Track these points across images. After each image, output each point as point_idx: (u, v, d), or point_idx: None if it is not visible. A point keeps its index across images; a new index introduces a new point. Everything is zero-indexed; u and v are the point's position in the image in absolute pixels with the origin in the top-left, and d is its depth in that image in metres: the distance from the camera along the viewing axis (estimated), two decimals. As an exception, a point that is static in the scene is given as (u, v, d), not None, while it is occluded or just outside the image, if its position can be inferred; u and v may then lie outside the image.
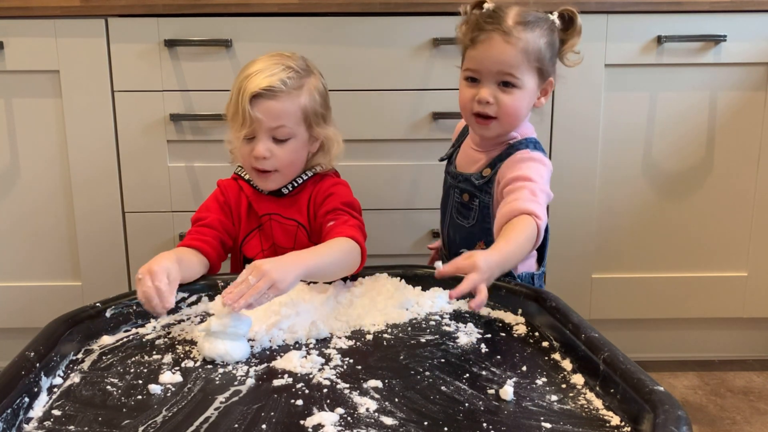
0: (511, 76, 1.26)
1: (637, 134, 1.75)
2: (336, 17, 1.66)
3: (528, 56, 1.25)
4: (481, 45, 1.26)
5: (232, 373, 1.01)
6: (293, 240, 1.41)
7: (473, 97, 1.29)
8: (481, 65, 1.27)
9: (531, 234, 1.18)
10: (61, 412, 0.91)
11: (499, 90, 1.27)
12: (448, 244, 1.43)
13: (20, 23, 1.64)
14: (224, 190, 1.44)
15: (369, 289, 1.29)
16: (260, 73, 1.32)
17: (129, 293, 1.24)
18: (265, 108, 1.31)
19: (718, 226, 1.81)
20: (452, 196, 1.39)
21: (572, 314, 1.09)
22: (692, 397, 1.74)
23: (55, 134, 1.71)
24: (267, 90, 1.31)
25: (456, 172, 1.39)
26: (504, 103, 1.27)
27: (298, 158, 1.39)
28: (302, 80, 1.35)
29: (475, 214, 1.35)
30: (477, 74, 1.28)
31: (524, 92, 1.28)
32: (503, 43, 1.24)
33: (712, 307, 1.85)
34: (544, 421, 0.86)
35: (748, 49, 1.70)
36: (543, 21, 1.28)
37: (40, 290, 1.79)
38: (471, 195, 1.35)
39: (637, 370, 0.89)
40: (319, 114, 1.38)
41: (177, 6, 1.63)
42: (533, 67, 1.27)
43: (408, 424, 0.86)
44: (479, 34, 1.26)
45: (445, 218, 1.43)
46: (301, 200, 1.42)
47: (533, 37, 1.25)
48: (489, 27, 1.25)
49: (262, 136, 1.34)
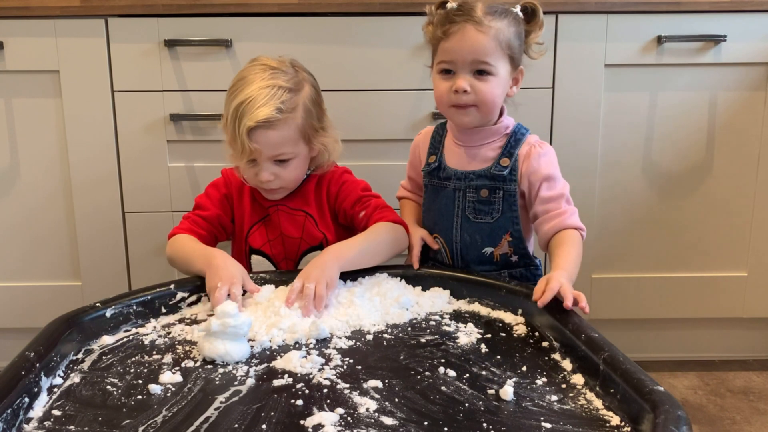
0: (486, 64, 1.27)
1: (637, 134, 1.75)
2: (336, 17, 1.66)
3: (500, 43, 1.27)
4: (454, 36, 1.27)
5: (232, 373, 1.01)
6: (301, 229, 1.42)
7: (449, 89, 1.30)
8: (456, 55, 1.28)
9: (581, 246, 1.31)
10: (61, 412, 0.91)
11: (475, 78, 1.29)
12: (462, 249, 1.39)
13: (20, 23, 1.64)
14: (227, 181, 1.46)
15: (369, 289, 1.29)
16: (253, 102, 1.30)
17: (129, 293, 1.24)
18: (264, 139, 1.31)
19: (718, 226, 1.81)
20: (461, 199, 1.37)
21: (572, 314, 1.09)
22: (692, 397, 1.74)
23: (55, 134, 1.71)
24: (263, 122, 1.30)
25: (463, 172, 1.37)
26: (481, 90, 1.29)
27: (302, 172, 1.42)
28: (295, 99, 1.34)
29: (500, 207, 1.35)
30: (452, 65, 1.29)
31: (499, 79, 1.29)
32: (476, 31, 1.26)
33: (712, 307, 1.85)
34: (544, 421, 0.86)
35: (748, 49, 1.70)
36: (509, 12, 1.30)
37: (40, 290, 1.79)
38: (491, 189, 1.35)
39: (637, 370, 0.89)
40: (315, 127, 1.38)
41: (177, 6, 1.63)
42: (505, 54, 1.29)
43: (408, 424, 0.86)
44: (450, 27, 1.28)
45: (452, 225, 1.39)
46: (307, 190, 1.44)
47: (503, 25, 1.28)
48: (460, 19, 1.27)
49: (264, 163, 1.35)
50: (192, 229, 1.40)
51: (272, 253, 1.44)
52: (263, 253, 1.44)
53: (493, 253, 1.37)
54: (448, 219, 1.39)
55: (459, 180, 1.37)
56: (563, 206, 1.33)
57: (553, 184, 1.33)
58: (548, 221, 1.32)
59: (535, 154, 1.34)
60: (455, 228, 1.39)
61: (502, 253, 1.37)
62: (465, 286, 1.29)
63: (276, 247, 1.44)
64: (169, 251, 1.38)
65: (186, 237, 1.38)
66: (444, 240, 1.41)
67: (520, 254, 1.37)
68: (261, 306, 1.21)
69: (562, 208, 1.33)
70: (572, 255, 1.26)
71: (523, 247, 1.37)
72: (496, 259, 1.38)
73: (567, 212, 1.32)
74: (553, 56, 1.69)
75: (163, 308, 1.25)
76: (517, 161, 1.34)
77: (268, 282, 1.30)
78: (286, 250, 1.44)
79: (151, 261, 1.77)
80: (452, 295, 1.30)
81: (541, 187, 1.33)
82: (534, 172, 1.33)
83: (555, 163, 1.36)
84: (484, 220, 1.36)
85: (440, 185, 1.40)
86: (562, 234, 1.31)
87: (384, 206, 1.41)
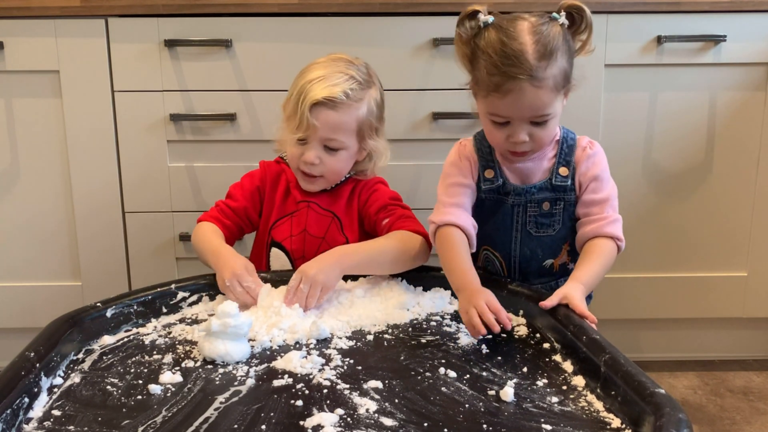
0: (544, 115, 1.21)
1: (637, 134, 1.75)
2: (336, 17, 1.66)
3: (557, 87, 1.20)
4: (510, 96, 1.18)
5: (232, 373, 1.01)
6: (325, 230, 1.43)
7: (506, 138, 1.23)
8: (512, 113, 1.20)
9: (613, 258, 1.26)
10: (61, 413, 0.91)
11: (533, 126, 1.22)
12: (522, 262, 1.35)
13: (20, 23, 1.64)
14: (263, 173, 1.48)
15: (370, 290, 1.29)
16: (324, 80, 1.34)
17: (129, 293, 1.24)
18: (324, 117, 1.33)
19: (718, 226, 1.81)
20: (522, 214, 1.31)
21: (573, 316, 1.09)
22: (692, 397, 1.74)
23: (55, 134, 1.71)
24: (328, 100, 1.32)
25: (523, 187, 1.30)
26: (539, 137, 1.23)
27: (345, 167, 1.42)
28: (363, 92, 1.37)
29: (560, 218, 1.31)
30: (507, 119, 1.22)
31: (556, 118, 1.24)
32: (534, 89, 1.17)
33: (712, 307, 1.84)
34: (545, 423, 0.86)
35: (748, 49, 1.70)
36: (557, 37, 1.19)
37: (40, 290, 1.79)
38: (553, 201, 1.30)
39: (639, 373, 0.89)
40: (373, 127, 1.40)
41: (177, 6, 1.63)
42: (561, 92, 1.22)
43: (408, 425, 0.86)
44: (504, 82, 1.17)
45: (511, 240, 1.33)
46: (342, 193, 1.44)
47: (558, 66, 1.18)
48: (514, 73, 1.16)
49: (314, 143, 1.36)
50: (218, 218, 1.43)
51: (291, 249, 1.44)
52: (283, 247, 1.45)
53: (553, 264, 1.35)
54: (506, 234, 1.33)
55: (519, 195, 1.30)
56: (606, 212, 1.28)
57: (599, 186, 1.29)
58: (587, 224, 1.28)
59: (587, 156, 1.30)
60: (514, 243, 1.34)
61: (561, 263, 1.35)
62: (465, 287, 1.29)
63: (296, 243, 1.44)
64: (193, 237, 1.43)
65: (208, 226, 1.41)
66: (500, 254, 1.36)
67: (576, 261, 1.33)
68: (261, 306, 1.21)
69: (604, 213, 1.28)
70: (596, 268, 1.22)
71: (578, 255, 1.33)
72: (556, 269, 1.36)
73: (608, 218, 1.27)
74: (554, 56, 1.69)
75: (164, 308, 1.25)
76: (575, 169, 1.30)
77: (268, 282, 1.30)
78: (305, 248, 1.43)
79: (151, 261, 1.76)
80: (453, 295, 1.30)
81: (588, 188, 1.29)
82: (584, 174, 1.29)
83: (604, 163, 1.31)
84: (546, 233, 1.32)
85: (498, 200, 1.33)
86: (597, 242, 1.26)
87: (408, 216, 1.40)
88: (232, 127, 1.70)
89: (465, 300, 1.16)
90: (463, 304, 1.15)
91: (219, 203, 1.46)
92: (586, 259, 1.24)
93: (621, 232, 1.28)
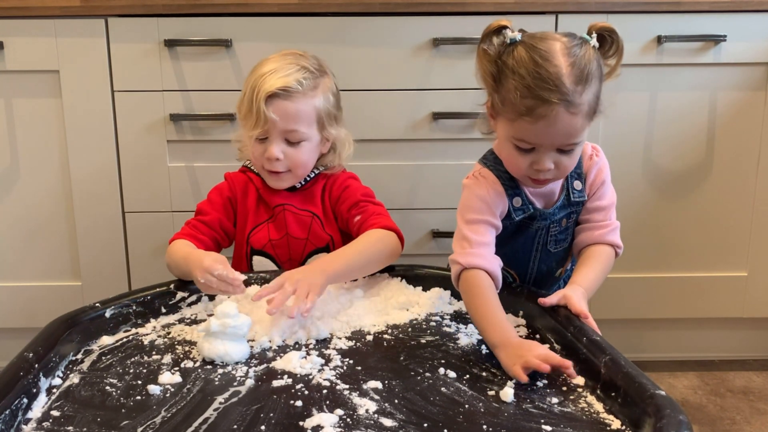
0: (574, 144, 1.14)
1: (636, 134, 1.75)
2: (336, 17, 1.66)
3: (590, 114, 1.13)
4: (543, 121, 1.09)
5: (231, 373, 1.01)
6: (307, 230, 1.42)
7: (529, 165, 1.16)
8: (542, 140, 1.13)
9: (611, 264, 1.26)
10: (59, 413, 0.91)
11: (559, 154, 1.15)
12: (538, 278, 1.33)
13: (20, 23, 1.64)
14: (231, 184, 1.46)
15: (369, 290, 1.29)
16: (275, 72, 1.32)
17: (129, 293, 1.24)
18: (281, 109, 1.32)
19: (718, 226, 1.80)
20: (544, 235, 1.28)
21: (573, 317, 1.09)
22: (692, 397, 1.74)
23: (55, 134, 1.71)
24: (283, 90, 1.31)
25: (549, 211, 1.26)
26: (564, 165, 1.16)
27: (310, 159, 1.40)
28: (317, 81, 1.36)
29: (572, 229, 1.31)
30: (534, 145, 1.14)
31: (582, 145, 1.18)
32: (569, 116, 1.09)
33: (712, 307, 1.84)
34: (545, 424, 0.86)
35: (748, 49, 1.69)
36: (592, 61, 1.12)
37: (40, 290, 1.79)
38: (568, 216, 1.28)
39: (639, 374, 0.89)
40: (331, 115, 1.39)
41: (177, 6, 1.63)
42: (592, 119, 1.15)
43: (407, 426, 0.86)
44: (538, 107, 1.09)
45: (530, 258, 1.31)
46: (314, 192, 1.43)
47: (592, 92, 1.12)
48: (550, 97, 1.08)
49: (275, 138, 1.34)
50: (192, 234, 1.38)
51: (275, 254, 1.43)
52: (266, 253, 1.43)
53: (560, 272, 1.35)
54: (525, 254, 1.30)
55: (544, 219, 1.26)
56: (609, 218, 1.27)
57: (604, 193, 1.27)
58: (590, 230, 1.27)
59: (594, 163, 1.27)
60: (532, 261, 1.31)
61: (566, 269, 1.36)
62: (465, 287, 1.29)
63: (280, 247, 1.42)
64: (167, 258, 1.36)
65: (181, 242, 1.35)
66: (516, 272, 1.33)
67: (573, 263, 1.35)
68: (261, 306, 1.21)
69: (608, 220, 1.27)
70: (596, 273, 1.21)
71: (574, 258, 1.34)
72: (561, 275, 1.36)
73: (610, 226, 1.26)
74: (554, 56, 1.69)
75: (163, 308, 1.25)
76: (586, 179, 1.27)
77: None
78: (291, 251, 1.43)
79: (151, 261, 1.76)
80: (453, 295, 1.30)
81: (595, 194, 1.27)
82: (593, 182, 1.27)
83: (608, 168, 1.29)
84: (561, 248, 1.31)
85: (523, 224, 1.27)
86: (598, 248, 1.25)
87: (380, 213, 1.38)
88: (232, 127, 1.69)
89: (512, 356, 1.01)
90: (511, 359, 1.00)
91: (189, 221, 1.41)
92: (586, 265, 1.23)
93: (620, 240, 1.27)
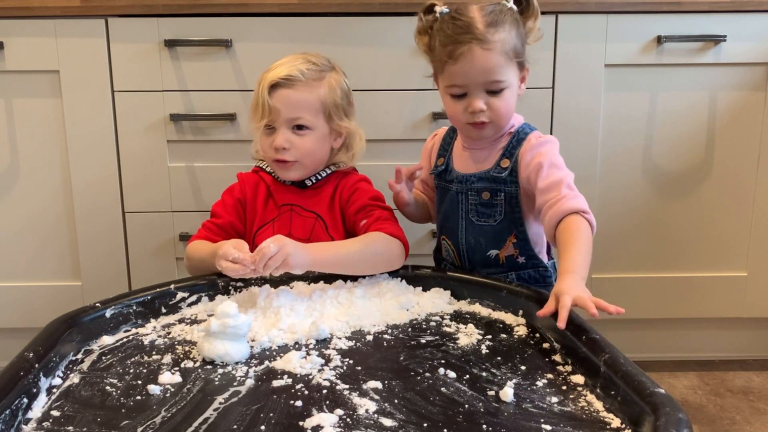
0: (498, 82, 1.26)
1: (637, 134, 1.75)
2: (336, 17, 1.66)
3: (507, 54, 1.25)
4: (462, 60, 1.25)
5: (231, 373, 1.01)
6: (310, 232, 1.42)
7: (464, 109, 1.29)
8: (467, 79, 1.26)
9: (589, 233, 1.22)
10: (60, 413, 0.91)
11: (489, 96, 1.28)
12: (468, 251, 1.39)
13: (20, 23, 1.64)
14: (242, 184, 1.47)
15: (369, 290, 1.29)
16: (281, 66, 1.37)
17: (129, 293, 1.24)
18: (283, 97, 1.35)
19: (718, 226, 1.81)
20: (464, 202, 1.36)
21: (573, 316, 1.09)
22: (692, 397, 1.74)
23: (55, 134, 1.71)
24: (285, 79, 1.35)
25: (465, 175, 1.36)
26: (496, 107, 1.28)
27: (319, 150, 1.41)
28: (322, 73, 1.39)
29: (502, 209, 1.34)
30: (464, 88, 1.28)
31: (512, 90, 1.29)
32: (483, 51, 1.24)
33: (712, 307, 1.85)
34: (545, 423, 0.86)
35: (748, 49, 1.70)
36: (505, 13, 1.27)
37: (40, 290, 1.79)
38: (492, 191, 1.34)
39: (638, 373, 0.89)
40: (340, 107, 1.40)
41: (177, 6, 1.63)
42: (513, 62, 1.27)
43: (407, 426, 0.86)
44: (455, 49, 1.25)
45: (458, 227, 1.38)
46: (324, 193, 1.44)
47: (505, 34, 1.25)
48: (464, 38, 1.24)
49: (281, 127, 1.37)
50: (207, 236, 1.42)
51: None
52: None
53: (498, 255, 1.37)
54: (454, 221, 1.39)
55: (461, 183, 1.36)
56: (562, 191, 1.24)
57: (550, 172, 1.27)
58: (548, 210, 1.24)
59: (531, 147, 1.31)
60: (460, 230, 1.38)
61: (507, 255, 1.36)
62: (466, 287, 1.29)
63: None
64: (186, 261, 1.41)
65: (199, 242, 1.40)
66: (451, 242, 1.41)
67: (527, 255, 1.36)
68: (260, 306, 1.21)
69: (561, 193, 1.24)
70: (579, 249, 1.17)
71: (530, 249, 1.36)
72: (502, 261, 1.37)
73: (566, 196, 1.23)
74: (553, 56, 1.69)
75: (163, 308, 1.25)
76: (518, 161, 1.32)
77: (267, 283, 1.30)
78: None
79: (151, 261, 1.77)
80: (453, 295, 1.30)
81: (539, 176, 1.27)
82: (527, 165, 1.30)
83: (555, 152, 1.31)
84: (487, 223, 1.36)
85: (445, 187, 1.40)
86: (565, 223, 1.22)
87: (387, 218, 1.39)
88: (232, 127, 1.70)
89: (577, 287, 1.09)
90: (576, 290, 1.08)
91: (205, 223, 1.45)
92: (564, 246, 1.19)
93: (585, 205, 1.24)
